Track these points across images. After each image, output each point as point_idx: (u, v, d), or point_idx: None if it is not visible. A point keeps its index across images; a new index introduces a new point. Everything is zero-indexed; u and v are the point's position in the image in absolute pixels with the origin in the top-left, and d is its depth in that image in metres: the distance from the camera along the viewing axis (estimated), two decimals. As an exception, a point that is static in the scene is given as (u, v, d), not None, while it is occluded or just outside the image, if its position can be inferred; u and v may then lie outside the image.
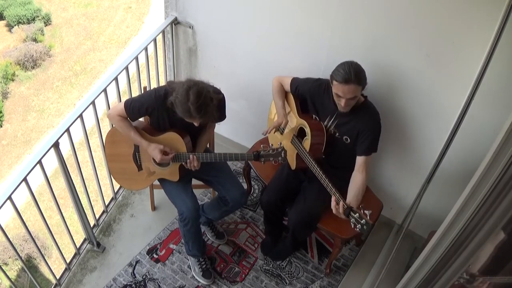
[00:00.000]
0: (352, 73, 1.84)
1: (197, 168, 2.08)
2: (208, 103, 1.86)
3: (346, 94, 1.89)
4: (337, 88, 1.91)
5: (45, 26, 12.68)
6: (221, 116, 2.16)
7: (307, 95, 2.16)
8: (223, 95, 2.09)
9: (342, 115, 2.04)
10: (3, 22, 12.71)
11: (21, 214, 2.05)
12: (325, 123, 2.12)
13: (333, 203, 1.88)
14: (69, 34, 12.76)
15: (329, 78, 1.95)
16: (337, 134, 2.09)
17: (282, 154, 1.98)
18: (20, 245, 6.93)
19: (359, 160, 2.04)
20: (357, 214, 1.79)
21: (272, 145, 2.45)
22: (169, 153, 2.09)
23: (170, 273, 2.51)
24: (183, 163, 2.11)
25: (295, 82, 2.19)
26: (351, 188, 1.99)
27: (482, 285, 1.44)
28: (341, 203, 1.86)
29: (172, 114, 1.99)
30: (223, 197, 2.31)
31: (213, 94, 1.90)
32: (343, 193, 1.92)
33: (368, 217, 1.76)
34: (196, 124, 1.95)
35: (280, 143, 2.23)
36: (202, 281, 2.46)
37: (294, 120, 2.21)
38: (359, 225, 1.78)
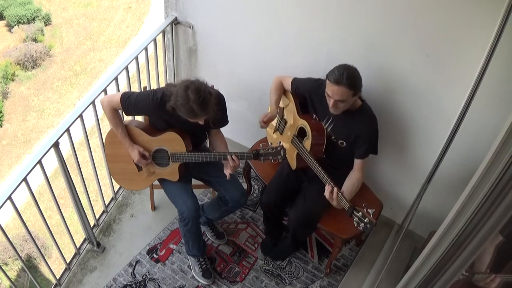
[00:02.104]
0: (345, 75, 1.85)
1: (238, 166, 2.07)
2: (208, 98, 1.86)
3: (334, 95, 1.90)
4: (328, 87, 1.92)
5: (45, 26, 12.69)
6: (224, 121, 2.16)
7: (306, 94, 2.17)
8: (221, 94, 2.10)
9: (338, 119, 2.04)
10: (3, 22, 12.72)
11: (21, 214, 2.05)
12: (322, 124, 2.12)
13: (327, 191, 1.92)
14: (69, 34, 12.76)
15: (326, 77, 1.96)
16: (333, 137, 2.10)
17: (282, 153, 1.98)
18: (20, 245, 6.93)
19: (356, 161, 2.08)
20: (360, 213, 1.80)
21: (271, 144, 2.45)
22: (147, 158, 2.13)
23: (170, 273, 2.51)
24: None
25: (295, 81, 2.19)
26: (345, 184, 2.03)
27: (490, 282, 1.44)
28: (335, 189, 1.89)
29: (169, 116, 1.99)
30: (223, 197, 2.31)
31: (210, 89, 1.92)
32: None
33: (371, 215, 1.77)
34: (201, 122, 1.95)
35: (280, 142, 2.23)
36: (202, 281, 2.46)
37: (295, 120, 2.21)
38: (362, 223, 1.79)
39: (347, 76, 1.85)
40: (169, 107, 1.89)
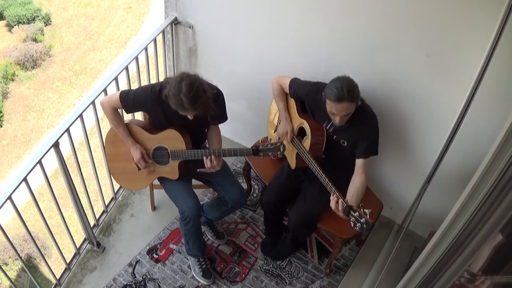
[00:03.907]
0: (345, 90, 1.83)
1: (219, 168, 2.06)
2: (201, 94, 1.85)
3: (340, 112, 1.89)
4: (330, 106, 1.91)
5: (45, 26, 12.68)
6: (222, 117, 2.16)
7: (304, 98, 2.16)
8: (220, 91, 2.09)
9: None
10: (3, 22, 12.71)
11: (21, 214, 2.05)
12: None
13: (332, 202, 1.89)
14: (69, 34, 12.76)
15: (323, 94, 1.94)
16: (335, 137, 2.09)
17: (281, 148, 1.98)
18: (20, 245, 6.92)
19: (358, 162, 2.05)
20: (357, 213, 1.79)
21: (270, 139, 2.45)
22: (147, 162, 2.14)
23: (170, 273, 2.51)
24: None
25: (293, 85, 2.18)
26: (350, 189, 2.00)
27: (482, 285, 1.44)
28: (340, 201, 1.86)
29: (168, 110, 1.99)
30: (222, 198, 2.31)
31: (206, 87, 1.89)
32: (342, 192, 1.92)
33: (367, 216, 1.77)
34: (190, 117, 1.94)
35: (279, 139, 2.23)
36: (202, 281, 2.46)
37: (295, 120, 2.21)
38: (359, 224, 1.79)
39: (347, 91, 1.84)
40: (164, 95, 1.90)
